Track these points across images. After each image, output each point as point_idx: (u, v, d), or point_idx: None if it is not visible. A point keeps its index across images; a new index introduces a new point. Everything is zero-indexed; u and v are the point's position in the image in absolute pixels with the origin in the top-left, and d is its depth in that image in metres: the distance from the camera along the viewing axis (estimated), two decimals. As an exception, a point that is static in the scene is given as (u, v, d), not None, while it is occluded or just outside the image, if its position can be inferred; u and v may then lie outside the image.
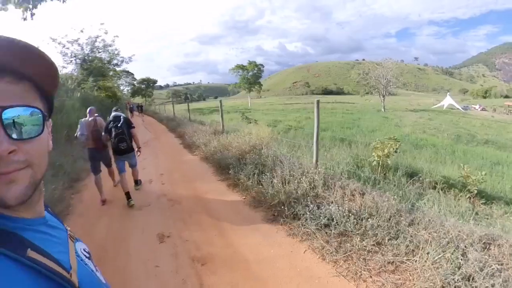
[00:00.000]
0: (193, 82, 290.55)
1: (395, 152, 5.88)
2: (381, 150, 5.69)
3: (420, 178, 4.84)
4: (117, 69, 21.58)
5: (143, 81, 68.98)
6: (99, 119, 4.94)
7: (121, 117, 4.71)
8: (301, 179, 3.89)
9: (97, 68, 18.35)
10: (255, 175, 4.58)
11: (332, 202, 3.47)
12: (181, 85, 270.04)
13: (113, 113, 4.80)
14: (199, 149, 7.12)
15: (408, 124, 28.32)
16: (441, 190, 4.50)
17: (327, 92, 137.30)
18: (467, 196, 4.57)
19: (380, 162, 5.71)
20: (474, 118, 38.88)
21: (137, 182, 5.33)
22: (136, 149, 4.97)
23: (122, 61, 20.68)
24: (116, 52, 19.84)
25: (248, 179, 4.59)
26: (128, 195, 4.56)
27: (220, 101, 8.25)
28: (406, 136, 21.31)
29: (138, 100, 67.44)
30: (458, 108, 52.85)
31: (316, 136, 4.53)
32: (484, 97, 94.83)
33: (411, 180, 4.80)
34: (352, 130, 21.38)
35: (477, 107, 56.54)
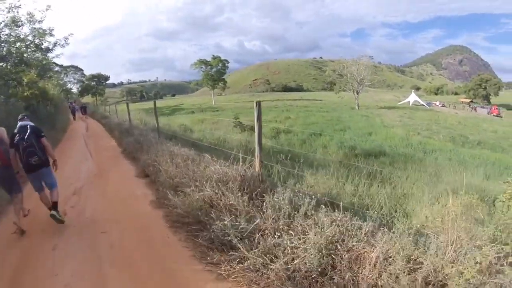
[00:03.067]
0: (149, 80, 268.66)
1: None
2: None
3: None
4: (50, 55, 14.89)
5: (93, 77, 60.42)
6: (1, 129, 4.05)
7: (28, 126, 3.92)
8: None
9: (17, 52, 12.37)
10: None
11: None
12: (136, 82, 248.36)
13: (19, 123, 4.00)
14: (230, 255, 2.43)
15: (395, 124, 26.41)
16: None
17: (287, 89, 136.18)
18: None
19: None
20: (446, 115, 39.04)
21: (55, 207, 3.85)
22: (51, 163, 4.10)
23: (55, 44, 14.07)
24: (47, 32, 13.41)
25: None
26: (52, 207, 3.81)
27: (258, 105, 3.39)
28: (406, 139, 19.18)
29: (87, 99, 59.28)
30: (422, 104, 53.84)
31: None
32: (436, 94, 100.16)
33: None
34: (348, 133, 18.44)
35: (437, 103, 58.81)
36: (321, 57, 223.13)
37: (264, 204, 2.75)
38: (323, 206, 2.46)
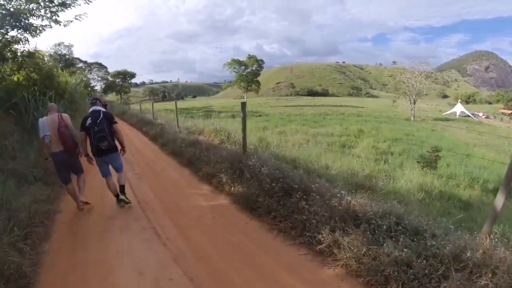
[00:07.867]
0: (171, 81, 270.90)
1: None
2: None
3: None
4: (63, 16, 8.00)
5: (118, 74, 56.79)
6: (65, 115, 4.20)
7: (101, 111, 4.07)
8: None
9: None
10: None
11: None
12: (158, 83, 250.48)
13: (91, 108, 4.12)
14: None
15: (474, 142, 24.25)
16: None
17: (312, 93, 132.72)
18: None
19: None
20: (504, 129, 36.73)
21: (123, 190, 4.23)
22: (120, 149, 4.23)
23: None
24: None
25: None
26: (118, 197, 4.17)
27: None
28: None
29: (111, 97, 57.52)
30: (468, 115, 51.51)
31: None
32: (467, 102, 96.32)
33: None
34: (444, 155, 16.83)
35: (481, 114, 56.44)
36: (343, 62, 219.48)
37: None
38: None
